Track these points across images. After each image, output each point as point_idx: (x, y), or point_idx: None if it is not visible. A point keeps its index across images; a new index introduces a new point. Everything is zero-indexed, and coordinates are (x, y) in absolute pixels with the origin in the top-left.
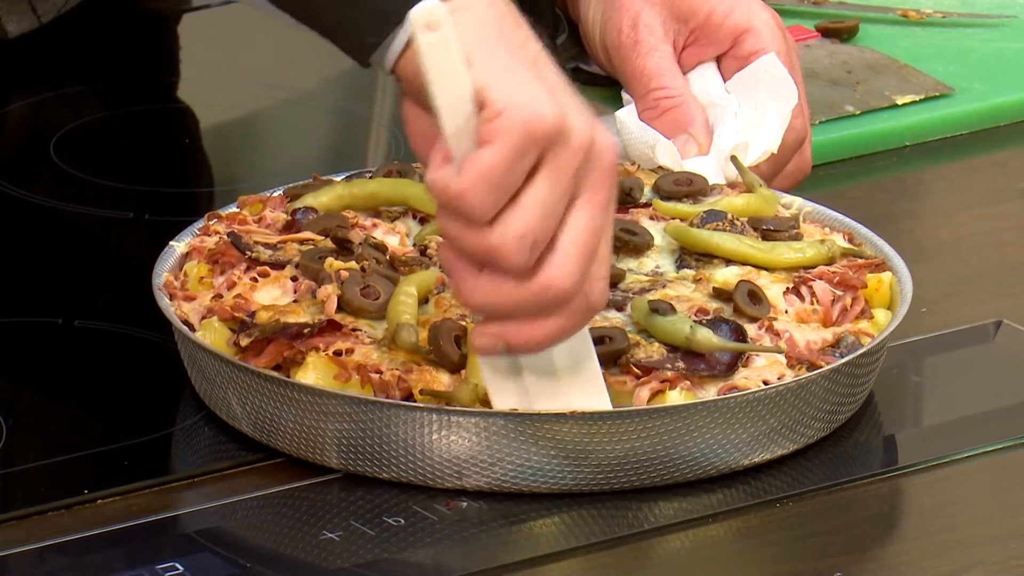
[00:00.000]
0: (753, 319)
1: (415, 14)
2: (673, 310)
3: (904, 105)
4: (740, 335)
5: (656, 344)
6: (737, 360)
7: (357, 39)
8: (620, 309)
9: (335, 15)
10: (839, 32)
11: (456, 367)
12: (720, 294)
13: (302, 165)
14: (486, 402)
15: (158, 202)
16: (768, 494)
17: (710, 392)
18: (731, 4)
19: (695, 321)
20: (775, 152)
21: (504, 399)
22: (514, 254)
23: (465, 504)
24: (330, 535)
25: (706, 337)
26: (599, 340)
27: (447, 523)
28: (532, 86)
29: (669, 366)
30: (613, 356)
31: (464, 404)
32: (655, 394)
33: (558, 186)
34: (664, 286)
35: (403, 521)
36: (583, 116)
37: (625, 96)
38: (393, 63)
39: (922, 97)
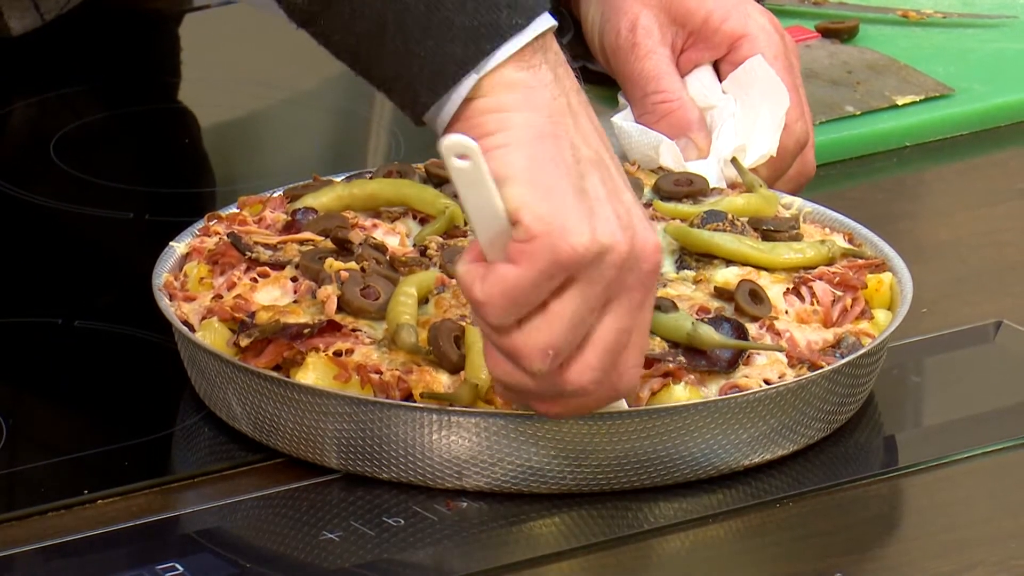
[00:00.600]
0: (754, 318)
1: (446, 143)
2: (675, 307)
3: (904, 105)
4: (741, 333)
5: (657, 339)
6: (738, 358)
7: (412, 96)
8: None
9: (391, 70)
10: (839, 32)
11: (456, 367)
12: (721, 293)
13: (302, 165)
14: (488, 401)
15: (158, 202)
16: (768, 494)
17: (712, 389)
18: (728, 9)
19: (696, 319)
20: (773, 155)
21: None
22: (535, 363)
23: (465, 504)
24: (330, 535)
25: (707, 334)
26: None
27: (447, 523)
28: (570, 210)
29: (671, 359)
30: None
31: (465, 405)
32: (659, 389)
33: (588, 300)
34: (665, 285)
35: (403, 521)
36: (625, 227)
37: (621, 99)
38: (447, 124)
39: (922, 97)
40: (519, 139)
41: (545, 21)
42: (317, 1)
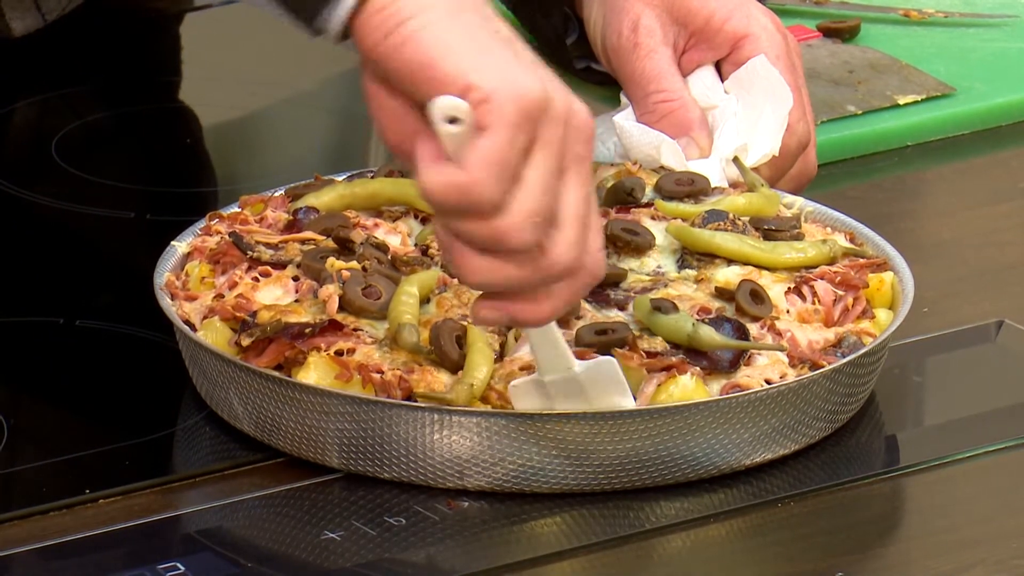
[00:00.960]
0: (755, 318)
1: (437, 105)
2: (675, 308)
3: (906, 105)
4: (742, 333)
5: (659, 339)
6: (739, 358)
7: (301, 3)
8: (622, 308)
9: None
10: (841, 32)
11: (457, 367)
12: (722, 293)
13: (303, 165)
14: (484, 401)
15: (159, 202)
16: (769, 494)
17: (713, 388)
18: (730, 9)
19: (697, 320)
20: (776, 155)
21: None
22: (525, 234)
23: (466, 504)
24: (331, 535)
25: (708, 335)
26: (601, 331)
27: (448, 523)
28: (513, 64)
29: (672, 355)
30: (616, 345)
31: (461, 404)
32: (665, 380)
33: (552, 159)
34: (666, 285)
35: (404, 521)
36: (559, 86)
37: (623, 99)
38: (341, 30)
39: (924, 97)
40: (442, 15)
41: None
42: None
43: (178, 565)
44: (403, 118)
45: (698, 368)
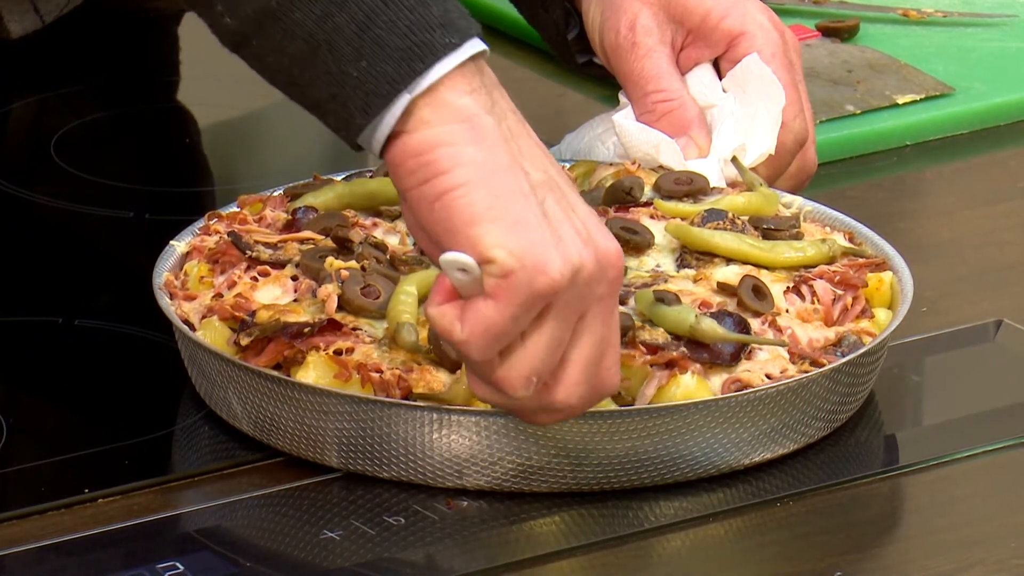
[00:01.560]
0: (756, 314)
1: (447, 259)
2: (678, 300)
3: (905, 104)
4: (744, 328)
5: (660, 330)
6: (740, 352)
7: (346, 118)
8: (623, 303)
9: (325, 92)
10: (840, 31)
11: (456, 366)
12: (724, 289)
13: (302, 164)
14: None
15: (158, 202)
16: (769, 493)
17: (714, 382)
18: (727, 7)
19: (699, 313)
20: (772, 153)
21: None
22: (517, 390)
23: (465, 503)
24: (330, 534)
25: (711, 327)
26: None
27: (447, 522)
28: (539, 240)
29: (673, 348)
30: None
31: (459, 404)
32: (667, 382)
33: (565, 324)
34: (666, 281)
35: (403, 520)
36: (586, 242)
37: (622, 98)
38: (382, 147)
39: (923, 96)
40: (475, 176)
41: (477, 44)
42: (249, 22)
43: (177, 564)
44: (433, 248)
45: (698, 365)
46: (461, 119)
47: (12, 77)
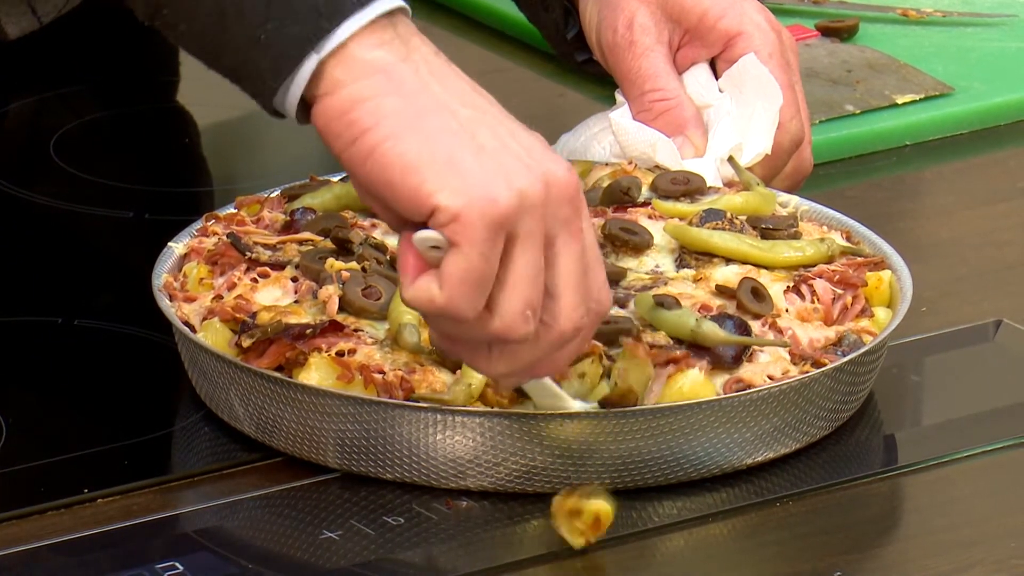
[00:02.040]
0: (756, 316)
1: (419, 237)
2: (678, 304)
3: (904, 104)
4: (745, 330)
5: (661, 335)
6: (742, 354)
7: (259, 82)
8: (623, 306)
9: (237, 57)
10: (839, 31)
11: (458, 367)
12: (723, 291)
13: (301, 165)
14: (483, 401)
15: (157, 202)
16: (769, 493)
17: (717, 384)
18: (724, 7)
19: (700, 316)
20: (768, 153)
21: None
22: (520, 330)
23: (465, 503)
24: (330, 534)
25: (712, 330)
26: (604, 322)
27: (447, 522)
28: (478, 172)
29: (676, 351)
30: (620, 333)
31: (459, 405)
32: (673, 375)
33: (534, 248)
34: (666, 283)
35: (403, 520)
36: (532, 167)
37: (619, 97)
38: (299, 111)
39: (922, 96)
40: (400, 126)
41: (392, 1)
42: None
43: (176, 565)
44: (385, 210)
45: (704, 363)
46: (375, 71)
47: (11, 77)
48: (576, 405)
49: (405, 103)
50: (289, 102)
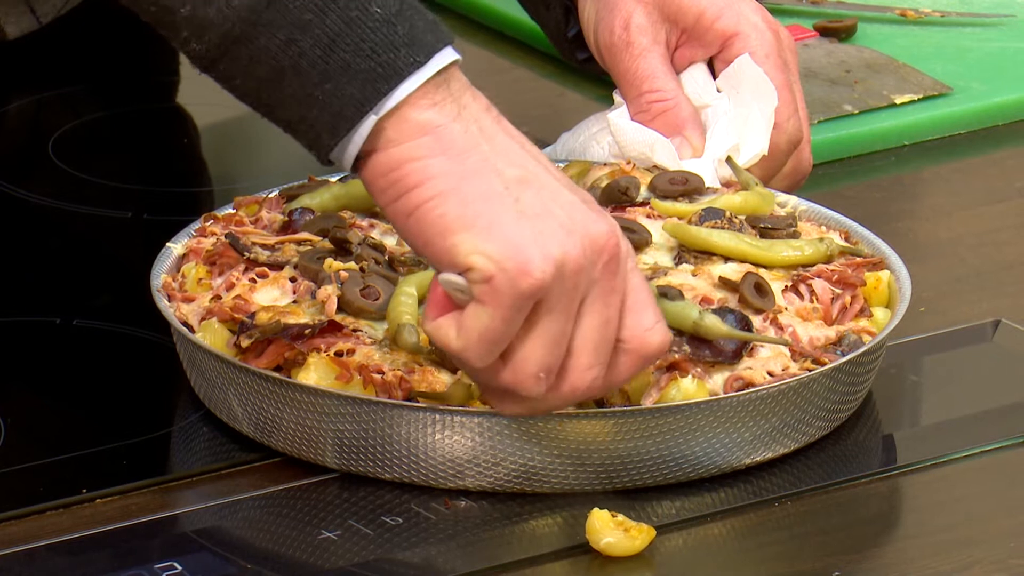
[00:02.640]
0: (758, 311)
1: (444, 280)
2: (681, 296)
3: (902, 104)
4: (746, 325)
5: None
6: (743, 349)
7: (315, 138)
8: None
9: (293, 113)
10: (837, 31)
11: (457, 368)
12: (725, 283)
13: (299, 165)
14: (483, 401)
15: (156, 202)
16: (768, 493)
17: (716, 380)
18: (721, 7)
19: (702, 309)
20: (765, 154)
21: None
22: (530, 389)
23: (464, 503)
24: (328, 534)
25: (714, 323)
26: None
27: (446, 522)
28: (516, 239)
29: (676, 348)
30: None
31: (458, 404)
32: (666, 385)
33: (562, 314)
34: (666, 274)
35: (402, 520)
36: (571, 231)
37: (617, 97)
38: (352, 164)
39: (920, 96)
40: (445, 187)
41: (446, 56)
42: (214, 48)
43: (175, 565)
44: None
45: (699, 369)
46: (425, 132)
47: (10, 76)
48: None
49: (452, 164)
50: (347, 158)
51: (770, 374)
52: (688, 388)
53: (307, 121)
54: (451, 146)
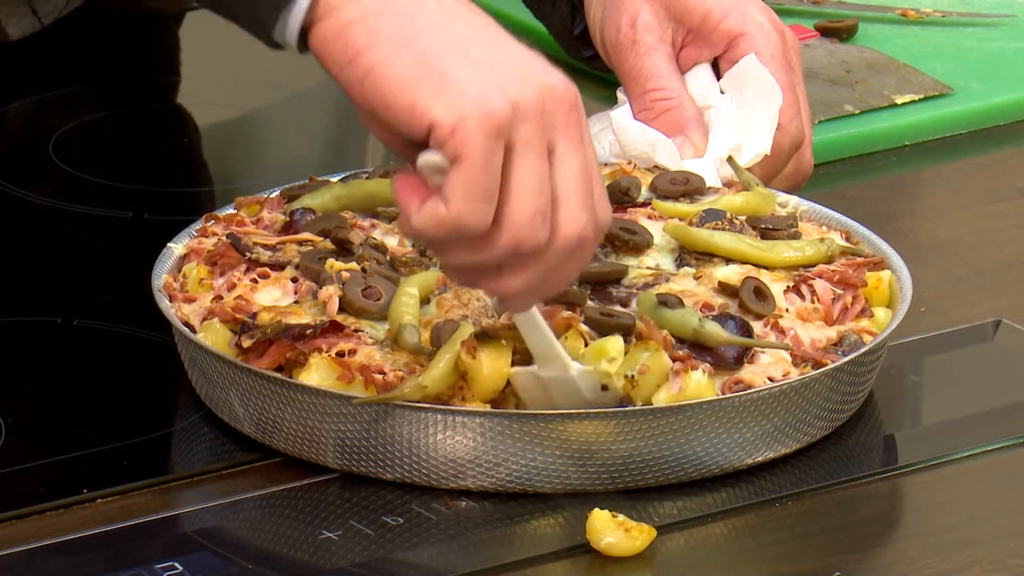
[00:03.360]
0: (758, 316)
1: (423, 161)
2: (681, 303)
3: (903, 104)
4: (747, 331)
5: (664, 332)
6: (744, 356)
7: (257, 18)
8: (624, 305)
9: None
10: (838, 31)
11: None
12: (725, 289)
13: (301, 165)
14: (441, 399)
15: (157, 202)
16: (769, 493)
17: (717, 384)
18: (727, 7)
19: (702, 316)
20: (768, 154)
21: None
22: (531, 238)
23: (464, 503)
24: (329, 535)
25: (714, 330)
26: (607, 314)
27: (447, 522)
28: (471, 85)
29: (679, 350)
30: (620, 329)
31: (410, 400)
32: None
33: (534, 156)
34: (668, 279)
35: (402, 520)
36: (526, 79)
37: (620, 95)
38: (298, 41)
39: (921, 96)
40: (394, 46)
41: None
42: None
43: (176, 565)
44: (385, 131)
45: (707, 364)
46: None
47: (11, 77)
48: (572, 367)
49: (400, 22)
50: (289, 32)
51: (770, 380)
52: (700, 381)
53: (248, 1)
54: (396, 5)
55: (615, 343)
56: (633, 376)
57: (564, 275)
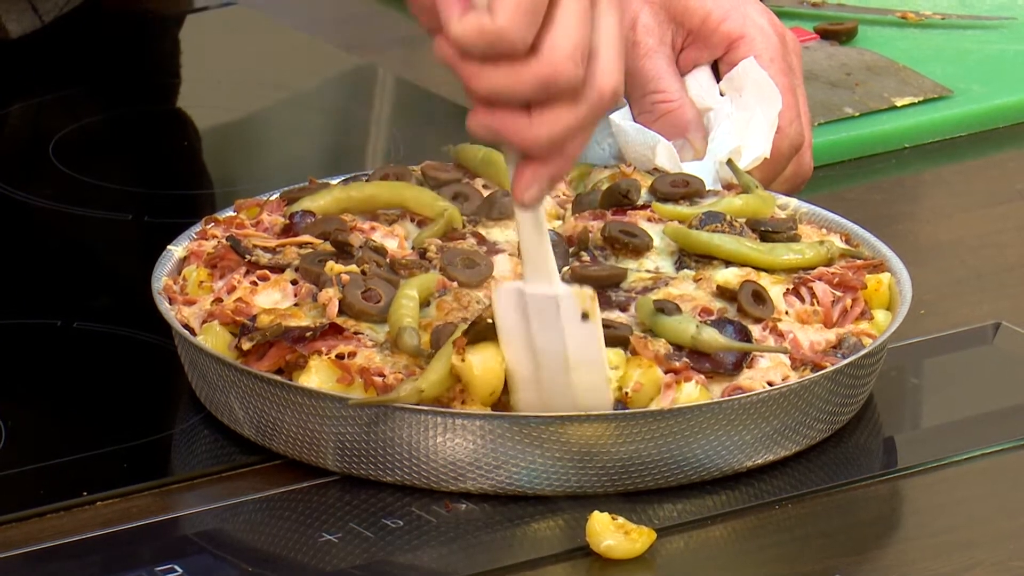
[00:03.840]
0: (757, 320)
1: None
2: (679, 310)
3: (903, 107)
4: (745, 336)
5: (662, 340)
6: (742, 360)
7: None
8: (624, 310)
9: None
10: (838, 34)
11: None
12: (724, 293)
13: (301, 167)
14: (441, 403)
15: (157, 205)
16: (769, 496)
17: (716, 391)
18: (727, 9)
19: (700, 321)
20: (767, 157)
21: (520, 391)
22: (570, 71)
23: (464, 506)
24: (329, 537)
25: (712, 337)
26: (605, 326)
27: (447, 525)
28: None
29: (675, 359)
30: (617, 341)
31: (408, 403)
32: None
33: None
34: (667, 283)
35: (402, 523)
36: None
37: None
38: None
39: (921, 99)
40: None
41: None
42: None
43: (176, 567)
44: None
45: (702, 375)
46: None
47: (11, 78)
48: (559, 287)
49: None
50: None
51: (769, 384)
52: (692, 394)
53: None
54: None
55: (616, 353)
56: (628, 393)
57: (584, 136)
